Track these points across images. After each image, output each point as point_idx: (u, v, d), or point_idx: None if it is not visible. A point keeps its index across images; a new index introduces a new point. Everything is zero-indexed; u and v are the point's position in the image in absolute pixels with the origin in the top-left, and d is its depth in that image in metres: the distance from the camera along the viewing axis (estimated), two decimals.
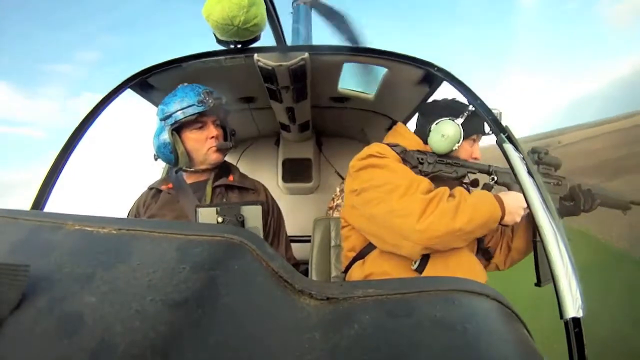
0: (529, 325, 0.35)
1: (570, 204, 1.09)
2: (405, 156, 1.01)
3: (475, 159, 1.09)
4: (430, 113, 1.09)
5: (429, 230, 0.84)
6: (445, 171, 1.03)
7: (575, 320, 0.66)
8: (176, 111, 1.07)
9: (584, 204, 1.07)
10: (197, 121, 1.09)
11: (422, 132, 1.08)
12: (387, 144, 1.03)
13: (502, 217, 0.90)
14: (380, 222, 0.90)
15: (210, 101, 1.06)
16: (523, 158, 0.85)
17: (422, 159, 1.02)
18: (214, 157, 1.12)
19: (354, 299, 0.31)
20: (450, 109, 1.07)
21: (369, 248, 1.01)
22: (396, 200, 0.87)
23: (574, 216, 1.10)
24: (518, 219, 0.94)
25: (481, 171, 1.06)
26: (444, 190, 0.90)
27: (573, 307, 0.67)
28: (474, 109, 1.01)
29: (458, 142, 1.01)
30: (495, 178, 1.04)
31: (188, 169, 1.13)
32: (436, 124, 1.03)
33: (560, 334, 0.67)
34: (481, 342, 0.28)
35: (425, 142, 1.07)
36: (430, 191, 0.90)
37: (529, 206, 0.81)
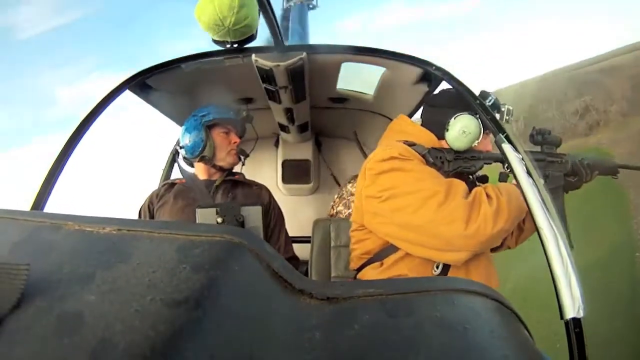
0: None
1: (575, 179, 1.10)
2: (428, 156, 0.96)
3: (488, 151, 1.05)
4: (444, 106, 1.04)
5: (477, 236, 0.81)
6: (464, 167, 0.99)
7: (576, 321, 0.66)
8: (215, 112, 1.26)
9: (585, 177, 1.09)
10: (224, 126, 1.28)
11: (435, 127, 1.02)
12: (407, 143, 0.97)
13: None
14: (422, 230, 0.86)
15: (243, 114, 1.31)
16: (522, 159, 0.85)
17: (441, 158, 0.97)
18: (233, 159, 1.29)
19: (354, 298, 0.31)
20: (465, 101, 1.00)
21: (387, 251, 0.96)
22: (437, 207, 0.83)
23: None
24: None
25: (496, 160, 1.01)
26: (480, 191, 0.88)
27: (573, 307, 0.67)
28: (490, 102, 0.97)
29: (478, 139, 0.98)
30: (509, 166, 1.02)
31: (209, 162, 1.27)
32: (454, 118, 0.98)
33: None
34: (481, 342, 0.28)
35: (439, 137, 1.02)
36: (468, 193, 0.87)
37: (528, 207, 0.81)
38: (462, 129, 0.97)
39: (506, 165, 0.98)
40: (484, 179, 1.08)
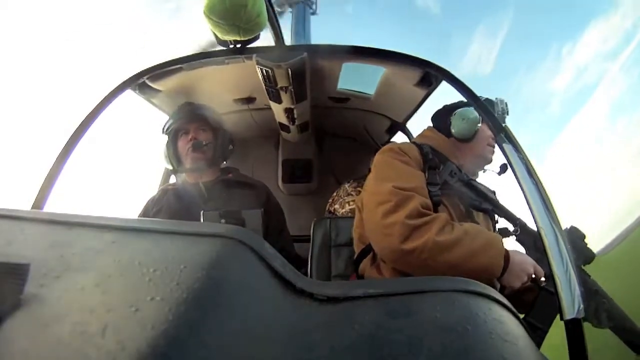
0: None
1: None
2: (431, 160, 1.01)
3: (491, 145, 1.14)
4: (446, 111, 1.16)
5: (411, 256, 0.81)
6: (469, 195, 1.00)
7: (576, 321, 0.66)
8: (166, 123, 1.30)
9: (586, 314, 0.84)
10: (182, 129, 1.27)
11: (443, 128, 1.14)
12: (418, 143, 1.07)
13: (502, 274, 0.83)
14: (373, 229, 0.90)
15: (183, 111, 1.27)
16: (522, 158, 0.85)
17: (454, 173, 1.03)
18: (192, 156, 1.26)
19: (354, 299, 0.31)
20: (461, 103, 1.16)
21: None
22: (382, 215, 0.86)
23: None
24: (517, 285, 0.85)
25: (508, 219, 1.00)
26: (440, 220, 0.84)
27: (573, 308, 0.67)
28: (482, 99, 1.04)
29: (479, 123, 1.09)
30: (518, 231, 0.96)
31: (181, 171, 1.30)
32: (454, 114, 1.11)
33: None
34: (481, 343, 0.28)
35: (448, 135, 1.12)
36: (420, 215, 0.85)
37: (529, 207, 0.80)
38: (461, 118, 1.09)
39: (515, 228, 0.97)
40: (503, 168, 1.08)
